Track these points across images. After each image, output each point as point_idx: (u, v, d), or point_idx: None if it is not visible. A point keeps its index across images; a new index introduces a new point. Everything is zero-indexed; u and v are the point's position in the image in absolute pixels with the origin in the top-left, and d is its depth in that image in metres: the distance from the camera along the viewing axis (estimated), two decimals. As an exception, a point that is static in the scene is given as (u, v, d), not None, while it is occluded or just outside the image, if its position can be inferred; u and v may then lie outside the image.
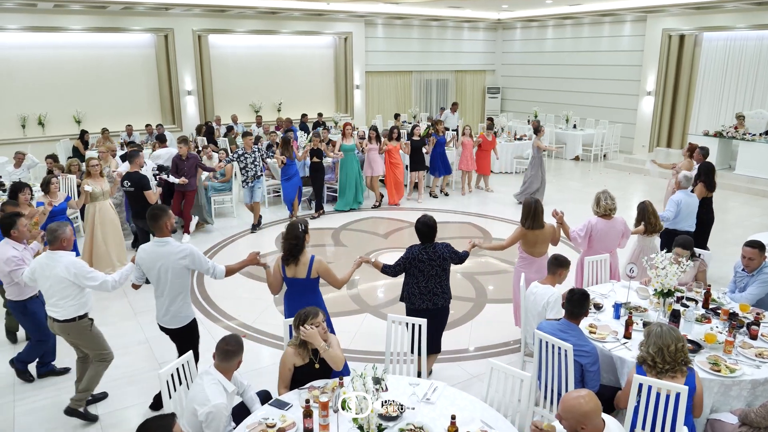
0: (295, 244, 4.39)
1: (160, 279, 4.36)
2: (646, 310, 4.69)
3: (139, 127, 14.04)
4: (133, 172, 7.23)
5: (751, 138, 12.58)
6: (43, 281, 4.44)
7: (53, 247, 4.43)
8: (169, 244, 4.33)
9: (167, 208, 4.50)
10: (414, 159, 11.62)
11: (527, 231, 5.38)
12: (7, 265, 4.80)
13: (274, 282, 4.53)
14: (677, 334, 3.49)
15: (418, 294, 4.74)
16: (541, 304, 4.53)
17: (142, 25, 14.29)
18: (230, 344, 3.53)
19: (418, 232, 4.79)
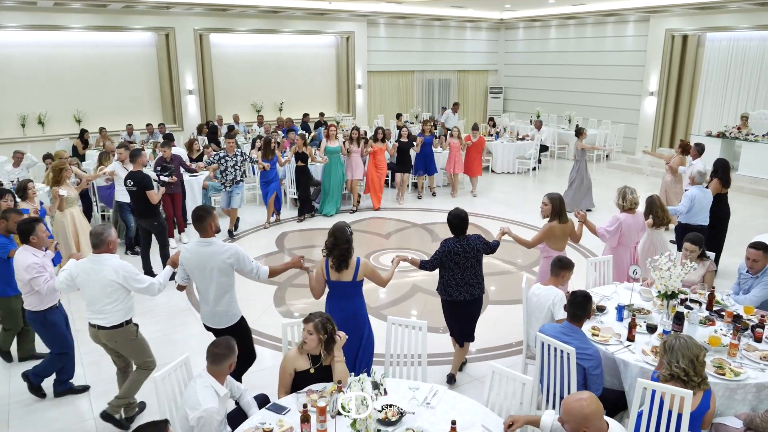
0: (347, 248, 4.30)
1: (205, 279, 4.28)
2: (650, 312, 4.62)
3: (140, 126, 13.99)
4: (135, 172, 7.18)
5: (754, 138, 12.50)
6: (87, 287, 4.25)
7: (98, 251, 4.27)
8: (213, 243, 4.27)
9: (211, 208, 4.46)
10: (400, 160, 11.49)
11: (554, 226, 5.46)
12: (28, 273, 4.55)
13: (318, 287, 4.46)
14: (698, 343, 3.43)
15: (454, 286, 4.86)
16: (546, 306, 4.47)
17: (143, 24, 14.25)
18: (219, 347, 3.46)
19: (450, 225, 4.91)
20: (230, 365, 3.48)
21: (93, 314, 4.32)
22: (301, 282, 7.56)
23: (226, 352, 3.45)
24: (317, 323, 3.60)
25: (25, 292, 4.69)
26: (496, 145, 14.37)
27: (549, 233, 5.51)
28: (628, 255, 5.82)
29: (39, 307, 4.73)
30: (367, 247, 8.99)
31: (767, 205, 11.48)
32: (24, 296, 4.74)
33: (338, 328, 4.12)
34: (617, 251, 5.77)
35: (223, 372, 3.47)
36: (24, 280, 4.59)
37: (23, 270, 4.55)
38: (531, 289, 4.71)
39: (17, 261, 4.62)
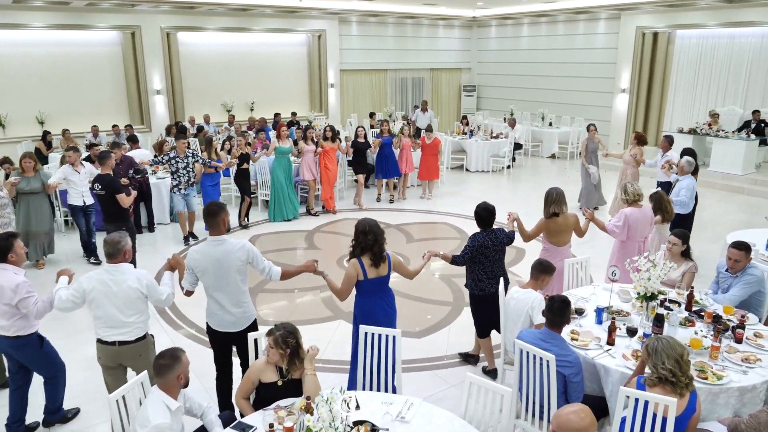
0: (385, 241, 4.25)
1: (221, 281, 4.04)
2: (629, 314, 4.52)
3: (106, 127, 13.57)
4: (104, 175, 6.88)
5: (725, 135, 12.62)
6: (105, 302, 3.88)
7: (115, 260, 3.95)
8: (226, 241, 4.06)
9: (224, 204, 4.21)
10: (356, 161, 11.10)
11: (549, 220, 5.40)
12: (17, 294, 4.06)
13: (346, 288, 4.32)
14: (679, 342, 3.32)
15: (485, 279, 4.92)
16: (524, 310, 4.33)
17: (107, 22, 13.82)
18: (164, 358, 3.21)
19: (478, 218, 4.93)
20: (179, 377, 3.22)
21: (111, 329, 3.93)
22: (272, 287, 7.33)
23: (170, 362, 3.20)
24: (277, 337, 3.41)
25: (10, 316, 4.15)
26: (470, 143, 14.28)
27: (543, 226, 5.46)
28: (636, 249, 5.75)
29: (26, 330, 4.22)
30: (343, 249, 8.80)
31: (739, 201, 11.58)
32: (7, 322, 4.17)
33: (384, 323, 4.24)
34: (626, 245, 5.77)
35: (172, 385, 3.22)
36: (10, 303, 4.07)
37: (10, 291, 4.04)
38: (509, 292, 4.57)
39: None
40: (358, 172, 11.11)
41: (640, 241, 5.82)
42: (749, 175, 12.40)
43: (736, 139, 12.44)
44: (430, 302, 6.89)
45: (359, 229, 4.25)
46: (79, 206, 8.08)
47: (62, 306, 3.97)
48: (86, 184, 8.05)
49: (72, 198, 8.06)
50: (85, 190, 8.05)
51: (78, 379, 5.15)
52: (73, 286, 3.99)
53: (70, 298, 3.94)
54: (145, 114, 14.84)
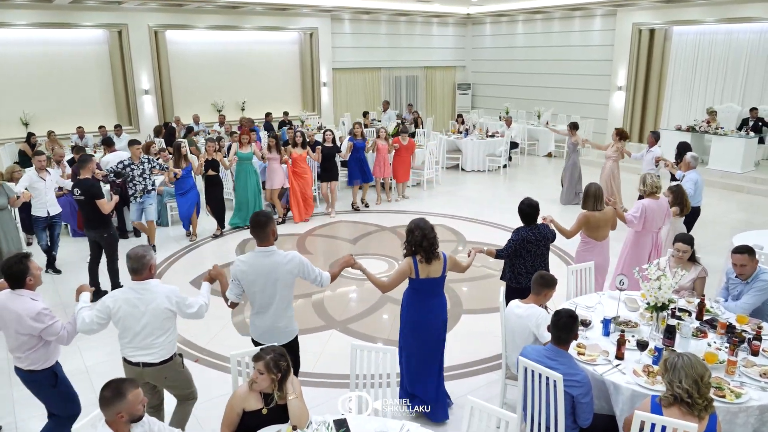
0: (434, 237, 4.21)
1: (267, 293, 3.90)
2: (637, 324, 4.27)
3: (92, 128, 13.25)
4: (83, 179, 6.55)
5: (724, 133, 12.42)
6: (131, 321, 3.62)
7: (141, 277, 3.67)
8: (275, 253, 3.90)
9: (272, 214, 3.97)
10: (325, 168, 10.28)
11: (590, 215, 5.49)
12: (40, 322, 3.62)
13: (396, 282, 4.27)
14: (702, 362, 3.08)
15: (525, 273, 4.98)
16: (527, 326, 4.06)
17: (93, 21, 13.48)
18: (107, 389, 2.85)
19: (522, 214, 4.99)
20: (120, 414, 2.82)
21: (136, 350, 3.68)
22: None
23: (111, 397, 2.81)
24: (268, 361, 3.13)
25: (24, 350, 3.70)
26: (466, 142, 14.03)
27: (584, 222, 5.50)
28: (650, 240, 5.91)
29: (45, 364, 3.79)
30: (335, 253, 8.54)
31: (738, 200, 11.39)
32: (25, 354, 3.72)
33: (420, 326, 4.30)
34: (640, 236, 5.87)
35: (114, 421, 2.84)
36: (33, 332, 3.62)
37: (31, 321, 3.59)
38: (509, 306, 4.30)
39: (15, 313, 3.62)
40: (327, 179, 10.38)
41: (654, 233, 5.92)
42: (749, 173, 12.20)
43: (735, 136, 12.24)
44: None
45: (407, 228, 4.29)
46: (42, 217, 7.53)
47: (86, 328, 3.67)
48: (52, 192, 7.63)
49: (35, 208, 7.49)
50: (49, 199, 7.60)
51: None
52: (96, 306, 3.69)
53: (95, 320, 3.65)
54: (133, 114, 14.52)
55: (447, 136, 14.37)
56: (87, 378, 5.26)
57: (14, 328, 3.62)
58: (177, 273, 7.81)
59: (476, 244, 8.75)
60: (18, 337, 3.64)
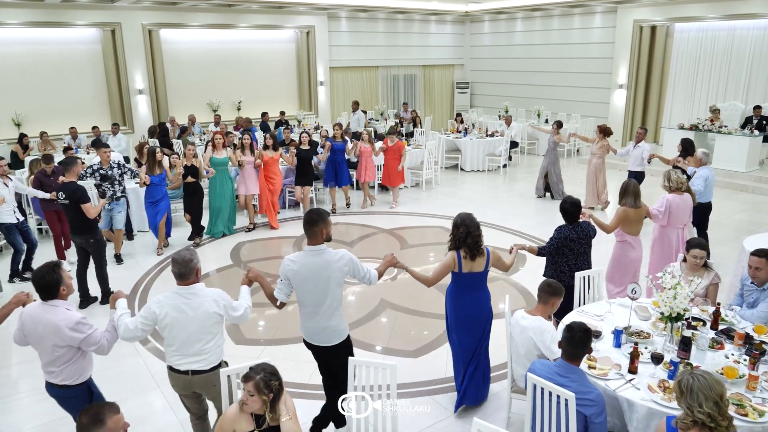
0: (479, 234, 4.27)
1: (319, 292, 3.82)
2: (650, 335, 4.06)
3: (86, 129, 13.03)
4: (68, 183, 6.30)
5: (728, 131, 12.22)
6: (179, 327, 3.48)
7: (188, 282, 3.53)
8: (326, 251, 3.84)
9: (326, 212, 3.87)
10: (301, 171, 9.78)
11: (629, 209, 5.53)
12: (79, 332, 3.41)
13: (440, 275, 4.32)
14: (718, 378, 2.87)
15: (567, 272, 4.97)
16: (533, 340, 3.85)
17: (86, 20, 13.25)
18: (85, 416, 2.61)
19: (564, 212, 4.97)
20: None
21: (183, 358, 3.54)
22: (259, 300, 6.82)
23: (89, 425, 2.59)
24: (258, 382, 2.91)
25: (60, 364, 3.46)
26: (465, 142, 13.81)
27: (623, 217, 5.53)
28: (675, 236, 6.00)
29: (80, 378, 3.56)
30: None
31: (743, 199, 11.19)
32: (55, 372, 3.47)
33: (466, 319, 4.34)
34: (665, 231, 5.99)
35: None
36: (72, 343, 3.41)
37: (70, 331, 3.38)
38: (514, 316, 4.08)
39: (52, 324, 3.39)
40: (302, 183, 9.91)
41: (680, 228, 6.01)
42: (753, 172, 12.01)
43: (739, 135, 12.05)
44: (426, 315, 6.41)
45: (453, 223, 4.33)
46: (14, 224, 7.21)
47: (130, 335, 3.52)
48: (14, 199, 7.28)
49: (3, 215, 7.13)
50: (16, 206, 7.32)
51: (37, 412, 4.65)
52: (141, 312, 3.55)
53: (140, 327, 3.50)
54: (127, 114, 14.28)
55: (446, 135, 14.14)
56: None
57: (52, 341, 3.40)
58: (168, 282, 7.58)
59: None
60: (55, 350, 3.42)
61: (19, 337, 3.56)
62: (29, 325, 3.46)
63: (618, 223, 5.59)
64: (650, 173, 10.00)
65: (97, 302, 6.72)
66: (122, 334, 3.51)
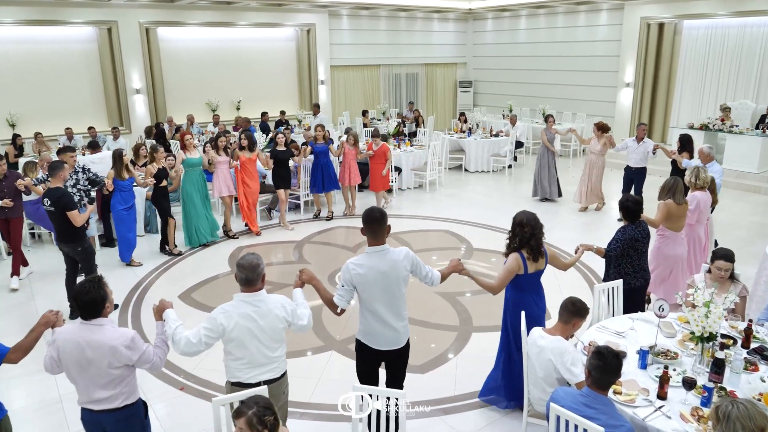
0: (542, 235, 4.15)
1: (387, 294, 3.62)
2: (677, 355, 3.76)
3: (81, 129, 12.75)
4: (54, 188, 5.98)
5: (739, 131, 11.91)
6: (249, 339, 3.24)
7: (255, 288, 3.30)
8: (390, 251, 3.63)
9: (385, 212, 3.64)
10: (278, 174, 9.27)
11: (671, 204, 5.52)
12: (135, 350, 3.13)
13: (505, 281, 4.15)
14: (763, 410, 2.58)
15: (632, 273, 4.85)
16: (552, 362, 3.56)
17: (82, 18, 12.96)
18: None
19: (627, 211, 4.84)
20: None
21: (254, 369, 3.30)
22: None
23: None
24: (251, 417, 2.61)
25: (116, 385, 3.15)
26: (469, 142, 13.51)
27: (666, 213, 5.53)
28: (702, 231, 6.21)
29: (133, 396, 3.27)
30: (336, 262, 8.03)
31: (754, 201, 10.90)
32: (113, 395, 3.16)
33: (532, 322, 4.00)
34: (694, 228, 6.09)
35: None
36: (129, 362, 3.13)
37: (125, 350, 3.09)
38: (532, 335, 3.79)
39: (106, 346, 3.06)
40: (278, 187, 9.39)
41: (704, 224, 6.23)
42: (766, 173, 11.70)
43: (751, 135, 11.74)
44: (433, 327, 6.11)
45: (516, 221, 4.17)
46: None
47: (193, 350, 3.22)
48: None
49: None
50: None
51: None
52: (204, 324, 3.24)
53: (203, 339, 3.21)
54: (124, 114, 14.01)
55: (450, 135, 13.84)
56: (60, 409, 4.75)
57: (106, 362, 3.07)
58: (159, 288, 7.30)
59: (485, 251, 8.27)
60: (109, 373, 3.10)
61: (54, 364, 3.16)
62: (71, 350, 3.08)
63: (663, 218, 5.57)
64: (649, 172, 9.82)
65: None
66: (183, 348, 3.19)
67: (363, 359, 3.83)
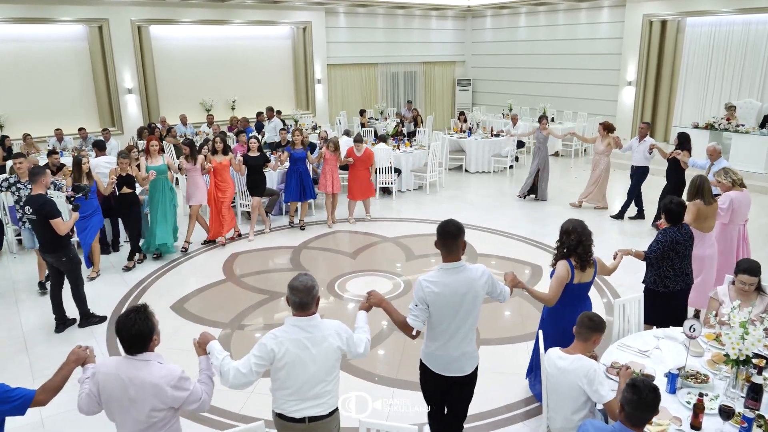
0: (590, 244, 3.99)
1: (462, 314, 3.33)
2: (708, 378, 3.49)
3: (72, 130, 12.41)
4: (36, 196, 5.65)
5: (745, 130, 11.67)
6: (300, 369, 2.94)
7: (307, 312, 2.97)
8: (466, 268, 3.36)
9: (462, 225, 3.39)
10: (251, 181, 8.74)
11: (701, 205, 5.43)
12: (183, 389, 2.82)
13: (558, 290, 3.97)
14: None
15: (672, 276, 4.73)
16: (574, 383, 3.28)
17: (72, 15, 12.63)
18: None
19: (670, 213, 4.71)
20: None
21: (301, 402, 2.98)
22: (248, 323, 6.25)
23: None
24: None
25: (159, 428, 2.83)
26: (470, 142, 13.23)
27: (696, 213, 5.40)
28: (736, 232, 6.05)
29: None
30: (333, 270, 7.73)
31: (763, 202, 10.64)
32: None
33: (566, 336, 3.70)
34: (726, 228, 5.97)
35: None
36: (175, 404, 2.82)
37: (173, 390, 2.78)
38: (550, 357, 3.50)
39: (151, 385, 2.75)
40: (253, 194, 8.83)
41: (741, 225, 6.05)
42: (773, 174, 11.46)
43: (758, 134, 11.50)
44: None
45: (563, 228, 4.08)
46: None
47: (242, 381, 2.91)
48: None
49: None
50: None
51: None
52: (254, 352, 2.94)
53: (253, 369, 2.90)
54: (116, 115, 13.68)
55: (449, 135, 13.55)
56: None
57: (150, 404, 2.76)
58: (150, 298, 6.99)
59: (489, 256, 7.99)
60: (152, 415, 2.78)
61: (92, 401, 2.85)
62: (113, 389, 2.78)
63: (693, 219, 5.42)
64: (652, 172, 9.71)
65: (75, 325, 6.10)
66: (232, 380, 2.89)
67: (426, 381, 3.60)
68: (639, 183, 9.51)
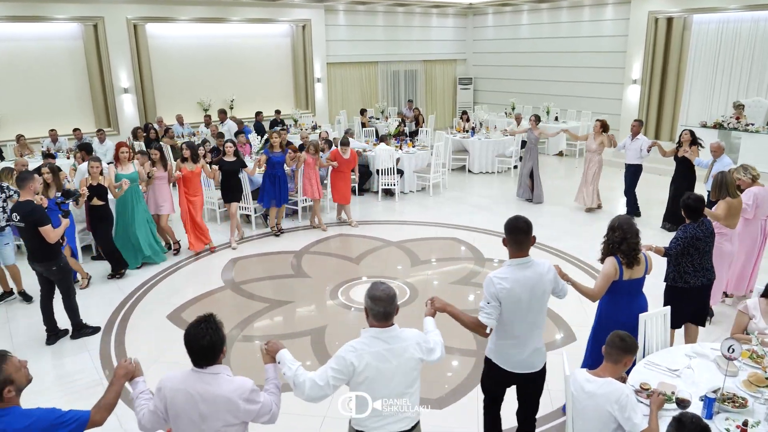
0: (637, 242, 3.97)
1: (533, 310, 3.35)
2: (746, 402, 3.24)
3: (66, 131, 12.14)
4: (24, 202, 5.38)
5: (755, 129, 11.43)
6: (381, 382, 2.78)
7: (388, 324, 2.83)
8: (534, 263, 3.38)
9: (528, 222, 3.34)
10: (227, 186, 8.32)
11: (730, 201, 5.43)
12: (254, 402, 2.67)
13: (604, 286, 3.97)
14: None
15: (692, 272, 4.75)
16: (604, 408, 3.02)
17: (66, 13, 12.35)
18: None
19: (689, 209, 4.70)
20: None
21: (384, 419, 2.82)
22: (249, 333, 5.99)
23: None
24: None
25: None
26: (473, 142, 12.97)
27: (728, 209, 5.41)
28: (758, 227, 6.04)
29: None
30: (337, 276, 7.47)
31: (774, 203, 10.39)
32: None
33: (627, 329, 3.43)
34: (750, 223, 5.96)
35: None
36: (247, 418, 2.68)
37: (245, 403, 2.63)
38: (575, 377, 3.24)
39: (224, 399, 2.60)
40: (230, 200, 8.42)
41: (762, 219, 6.03)
42: (783, 174, 11.21)
43: (767, 133, 11.25)
44: (447, 352, 5.53)
45: (609, 225, 4.11)
46: None
47: (318, 394, 2.73)
48: None
49: None
50: None
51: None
52: (331, 364, 2.77)
53: (330, 382, 2.73)
54: (111, 115, 13.41)
55: (452, 135, 13.29)
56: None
57: (223, 420, 2.61)
58: (146, 306, 6.73)
59: (494, 261, 7.74)
60: (224, 431, 2.63)
61: (157, 419, 2.69)
62: (182, 405, 2.61)
63: (726, 213, 5.44)
64: (646, 170, 9.71)
65: (68, 336, 5.84)
66: (308, 392, 2.72)
67: (490, 377, 3.63)
68: (634, 182, 9.43)
